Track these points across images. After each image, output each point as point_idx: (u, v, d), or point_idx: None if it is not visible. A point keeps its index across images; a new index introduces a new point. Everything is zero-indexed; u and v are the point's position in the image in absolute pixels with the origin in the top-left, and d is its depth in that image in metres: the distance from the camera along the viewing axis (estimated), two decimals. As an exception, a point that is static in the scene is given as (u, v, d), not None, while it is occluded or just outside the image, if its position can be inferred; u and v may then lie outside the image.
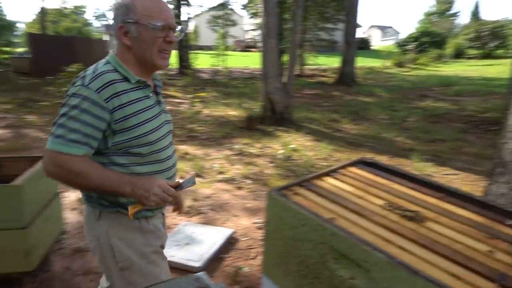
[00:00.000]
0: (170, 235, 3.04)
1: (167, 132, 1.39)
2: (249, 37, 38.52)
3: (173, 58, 16.90)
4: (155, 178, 1.23)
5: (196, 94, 7.30)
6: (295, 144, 6.19)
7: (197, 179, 4.53)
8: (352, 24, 12.93)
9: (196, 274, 0.95)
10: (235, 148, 6.13)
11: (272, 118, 7.50)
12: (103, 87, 1.20)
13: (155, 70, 1.38)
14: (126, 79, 1.27)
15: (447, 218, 0.90)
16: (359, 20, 13.63)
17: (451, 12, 54.75)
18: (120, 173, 1.24)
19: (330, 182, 1.08)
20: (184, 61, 15.36)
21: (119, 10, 1.27)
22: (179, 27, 1.36)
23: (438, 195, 1.03)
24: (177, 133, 6.52)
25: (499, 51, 28.44)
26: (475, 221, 0.89)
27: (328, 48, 20.29)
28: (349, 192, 1.02)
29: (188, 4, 17.38)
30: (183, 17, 17.38)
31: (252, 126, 7.09)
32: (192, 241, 3.00)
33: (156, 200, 1.18)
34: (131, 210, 1.20)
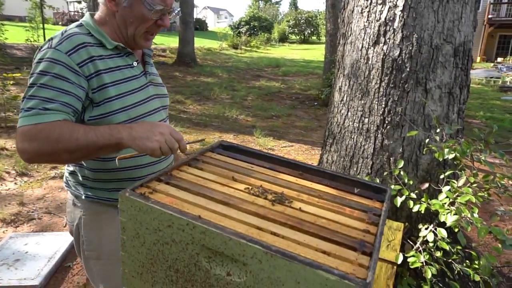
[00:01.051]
0: (-10, 254, 2.44)
1: (157, 108, 1.23)
2: (74, 10, 33.91)
3: (-31, 30, 13.36)
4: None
5: (8, 75, 5.97)
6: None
7: (23, 179, 3.77)
8: (189, 4, 12.78)
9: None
10: (68, 138, 5.31)
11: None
12: (74, 49, 1.02)
13: (134, 48, 1.16)
14: (101, 44, 1.10)
15: (307, 195, 0.93)
16: (194, 0, 13.60)
17: (275, 0, 60.85)
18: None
19: (191, 172, 0.99)
20: (-15, 34, 12.30)
21: None
22: (176, 10, 1.14)
23: (295, 172, 1.07)
24: (-15, 125, 5.25)
25: (313, 38, 33.33)
26: (330, 193, 0.96)
27: (164, 28, 19.67)
28: (213, 181, 0.95)
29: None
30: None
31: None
32: (24, 256, 2.49)
33: (161, 141, 0.96)
34: (120, 157, 0.99)
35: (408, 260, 1.70)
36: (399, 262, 1.61)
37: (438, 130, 1.67)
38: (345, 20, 2.18)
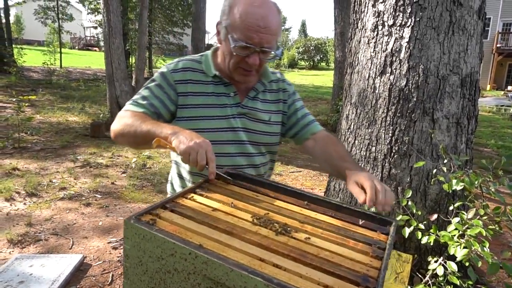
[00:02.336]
0: (-6, 275, 2.45)
1: (241, 140, 1.27)
2: (90, 35, 35.10)
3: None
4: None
5: (24, 97, 6.15)
6: (149, 151, 5.87)
7: (32, 199, 3.80)
8: (200, 30, 13.13)
9: None
10: (80, 159, 5.43)
11: (121, 124, 6.96)
12: (177, 70, 1.25)
13: (235, 79, 1.26)
14: (204, 72, 1.26)
15: (311, 226, 0.93)
16: (206, 27, 13.98)
17: (285, 27, 62.25)
18: None
19: (196, 200, 1.00)
20: (4, 56, 12.77)
21: (223, 6, 1.17)
22: (277, 51, 1.16)
23: (301, 202, 1.07)
24: (-1, 145, 5.37)
25: (322, 64, 33.81)
26: (334, 225, 0.95)
27: (177, 52, 20.21)
28: (217, 210, 0.95)
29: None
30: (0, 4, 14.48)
31: (98, 133, 6.41)
32: (28, 278, 2.48)
33: (194, 149, 1.00)
34: (158, 140, 1.07)
35: (417, 293, 1.66)
36: (407, 295, 1.56)
37: (446, 161, 1.66)
38: (352, 50, 2.22)
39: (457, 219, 1.74)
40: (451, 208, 1.90)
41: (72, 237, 3.10)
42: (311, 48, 32.26)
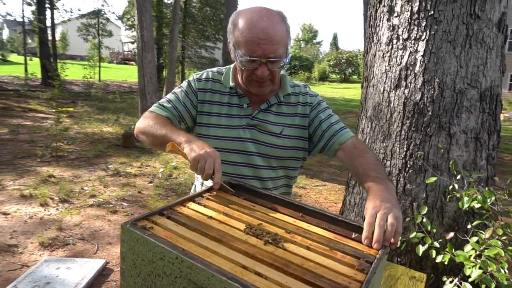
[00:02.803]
0: (25, 275, 2.60)
1: (242, 151, 1.31)
2: (127, 50, 36.75)
3: (36, 67, 14.93)
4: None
5: (63, 109, 6.53)
6: (176, 162, 6.03)
7: (64, 205, 4.00)
8: (231, 44, 13.41)
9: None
10: (110, 168, 5.67)
11: (151, 135, 7.21)
12: (201, 80, 1.36)
13: (248, 92, 1.32)
14: (222, 83, 1.35)
15: (301, 237, 0.94)
16: (237, 41, 14.23)
17: (316, 40, 62.26)
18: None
19: (193, 208, 1.04)
20: (49, 71, 13.64)
21: (228, 26, 1.23)
22: (285, 59, 1.22)
23: (296, 214, 1.08)
24: (39, 153, 5.71)
25: (354, 77, 33.42)
26: (325, 237, 0.96)
27: (209, 65, 20.73)
28: (212, 218, 0.99)
29: (53, 8, 15.61)
30: (48, 23, 15.52)
31: (129, 144, 6.67)
32: (54, 280, 2.61)
33: (203, 157, 1.07)
34: (170, 144, 1.13)
35: (429, 314, 1.60)
36: (418, 315, 1.51)
37: (458, 177, 1.61)
38: (367, 63, 2.22)
39: (475, 239, 1.68)
40: (469, 226, 1.83)
41: (97, 242, 3.23)
42: (343, 61, 32.02)
